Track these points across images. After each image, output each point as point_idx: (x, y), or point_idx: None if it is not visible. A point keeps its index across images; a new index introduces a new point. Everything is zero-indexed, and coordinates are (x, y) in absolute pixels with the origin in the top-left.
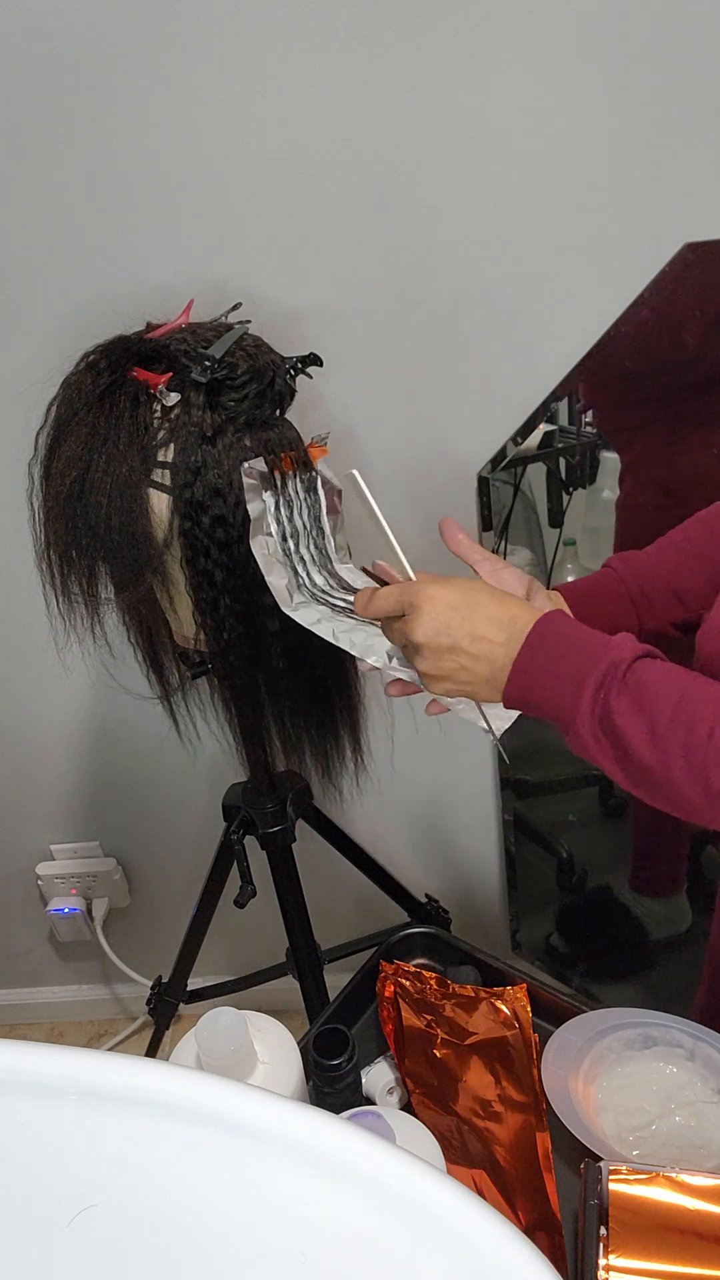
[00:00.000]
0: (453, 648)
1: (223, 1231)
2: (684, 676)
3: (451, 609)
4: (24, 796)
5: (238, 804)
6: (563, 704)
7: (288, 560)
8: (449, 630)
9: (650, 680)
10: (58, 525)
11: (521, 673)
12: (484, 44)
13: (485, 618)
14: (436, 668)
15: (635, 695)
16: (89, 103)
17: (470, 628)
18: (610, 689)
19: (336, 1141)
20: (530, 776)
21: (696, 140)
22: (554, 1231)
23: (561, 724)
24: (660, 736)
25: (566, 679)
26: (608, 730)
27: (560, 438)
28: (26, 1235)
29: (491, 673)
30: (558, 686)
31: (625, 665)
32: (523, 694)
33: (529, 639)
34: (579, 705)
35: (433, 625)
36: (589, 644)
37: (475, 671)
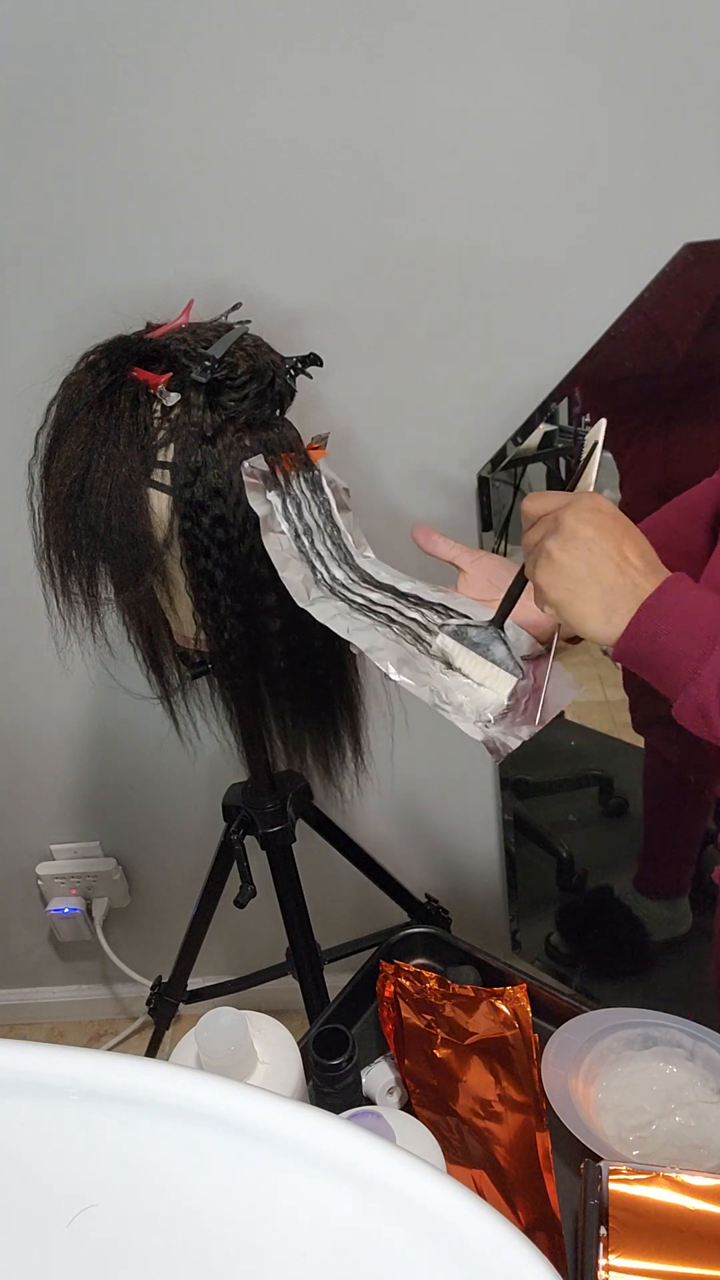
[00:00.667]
0: (591, 541)
1: (222, 1231)
2: None
3: (614, 517)
4: (24, 796)
5: (238, 804)
6: (687, 657)
7: (304, 557)
8: (600, 526)
9: None
10: (58, 525)
11: (653, 611)
12: (484, 44)
13: (636, 544)
14: (565, 551)
15: None
16: (89, 103)
17: (621, 541)
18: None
19: (336, 1141)
20: (530, 776)
21: (696, 140)
22: (554, 1231)
23: (681, 677)
24: None
25: (698, 633)
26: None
27: (560, 438)
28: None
29: (614, 584)
30: (687, 638)
31: None
32: (647, 631)
33: (667, 583)
34: (708, 661)
35: (591, 514)
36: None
37: (599, 571)
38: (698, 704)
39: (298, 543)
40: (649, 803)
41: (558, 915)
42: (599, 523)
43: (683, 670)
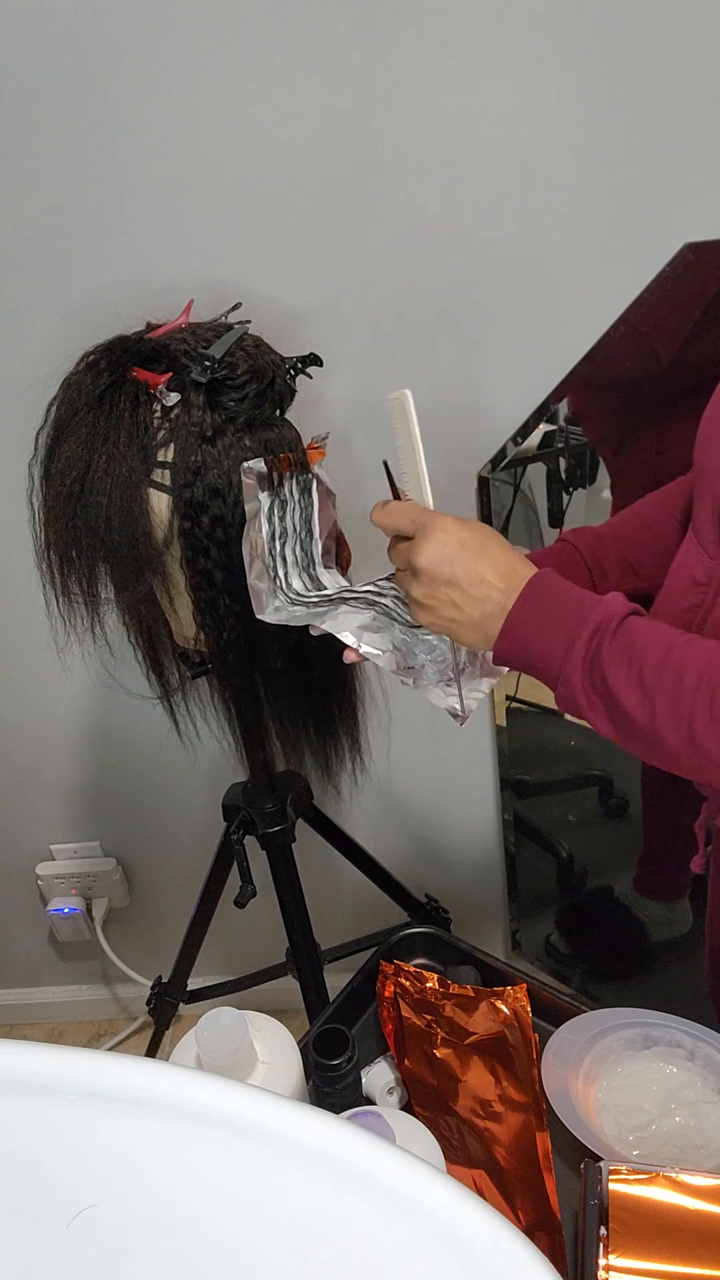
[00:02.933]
0: (451, 581)
1: (222, 1231)
2: (672, 632)
3: (461, 545)
4: (24, 796)
5: (238, 804)
6: (554, 654)
7: (271, 562)
8: (452, 563)
9: (639, 632)
10: (58, 525)
11: (516, 622)
12: (484, 45)
13: (491, 562)
14: (430, 596)
15: (625, 646)
16: (88, 103)
17: (475, 567)
18: (602, 640)
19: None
20: (530, 776)
21: (696, 140)
22: (554, 1231)
23: (552, 676)
24: (648, 685)
25: (560, 631)
26: (597, 681)
27: (560, 437)
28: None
29: (482, 616)
30: (551, 638)
31: (618, 619)
32: (515, 644)
33: (526, 590)
34: (571, 656)
35: (439, 554)
36: (582, 599)
37: (466, 611)
38: (569, 698)
39: (270, 545)
40: (648, 803)
41: (558, 915)
42: (450, 556)
43: (551, 670)
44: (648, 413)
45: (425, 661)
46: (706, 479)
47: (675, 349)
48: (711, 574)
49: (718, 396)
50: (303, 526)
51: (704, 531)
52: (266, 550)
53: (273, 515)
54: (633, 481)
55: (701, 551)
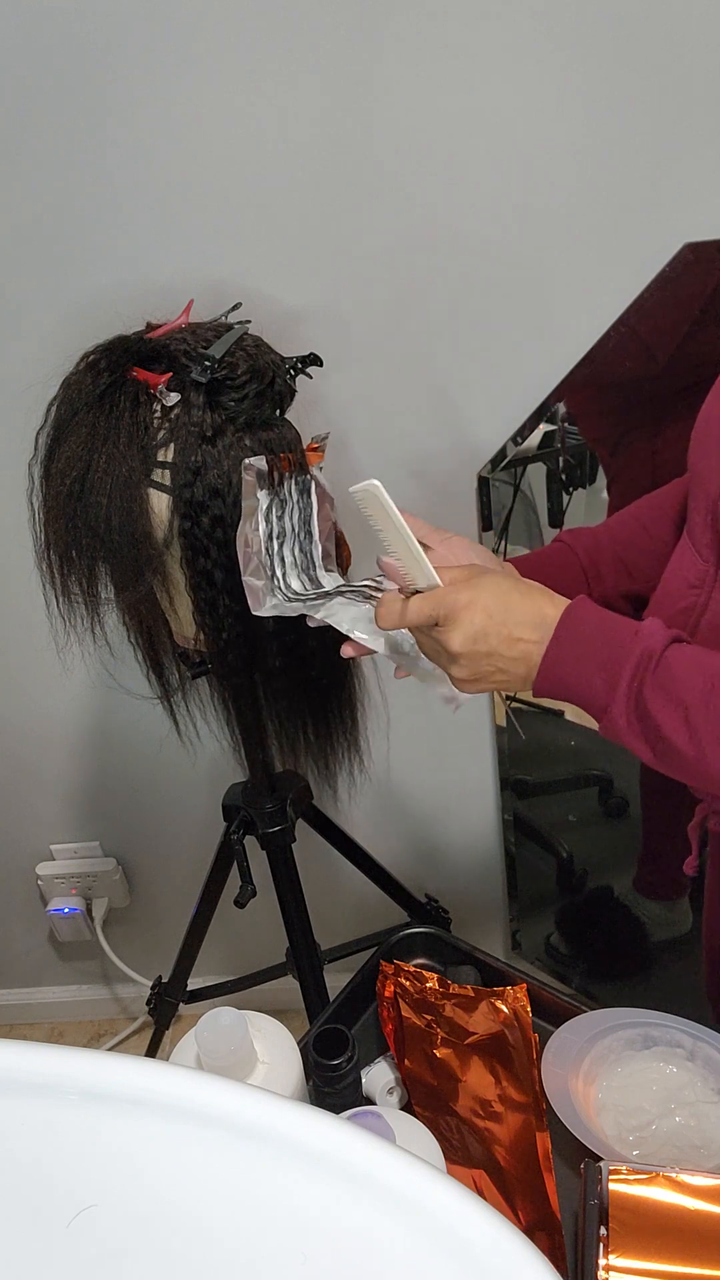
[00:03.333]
0: (490, 653)
1: (222, 1231)
2: (712, 660)
3: (488, 616)
4: (24, 796)
5: (238, 804)
6: (596, 694)
7: (268, 561)
8: (485, 637)
9: (679, 667)
10: (58, 525)
11: (552, 664)
12: (484, 43)
13: (519, 620)
14: (474, 672)
15: (667, 684)
16: (88, 102)
17: (506, 632)
18: (644, 680)
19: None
20: (530, 776)
21: (696, 140)
22: (554, 1231)
23: (594, 711)
24: (695, 726)
25: (599, 669)
26: (643, 720)
27: (560, 437)
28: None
29: (528, 670)
30: (590, 677)
31: (657, 655)
32: (555, 686)
33: (558, 630)
34: (614, 697)
35: (469, 633)
36: (619, 633)
37: (512, 672)
38: (614, 734)
39: (268, 544)
40: (647, 803)
41: (558, 915)
42: (482, 634)
43: (595, 707)
44: (644, 412)
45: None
46: (700, 482)
47: (673, 349)
48: (705, 576)
49: (710, 400)
50: (301, 527)
51: (698, 534)
52: (263, 549)
53: (270, 514)
54: (630, 481)
55: (695, 554)
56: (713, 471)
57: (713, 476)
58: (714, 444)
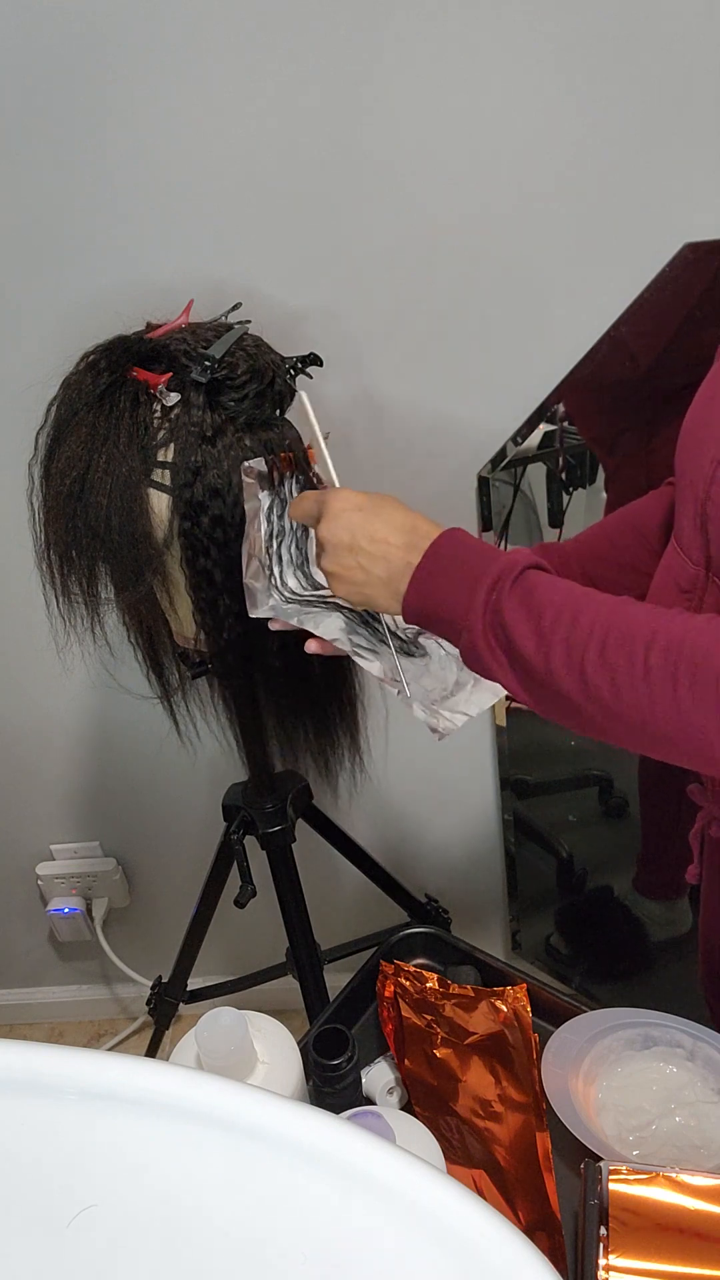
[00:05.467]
0: (352, 545)
1: (222, 1232)
2: (574, 585)
3: (356, 509)
4: (24, 796)
5: (238, 804)
6: (457, 606)
7: (267, 560)
8: (350, 529)
9: (540, 583)
10: (58, 525)
11: (421, 577)
12: (484, 43)
13: (386, 521)
14: (336, 564)
15: (524, 594)
16: (88, 102)
17: (371, 529)
18: (502, 589)
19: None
20: (530, 776)
21: (696, 140)
22: (554, 1231)
23: (456, 629)
24: (544, 631)
25: (462, 583)
26: (498, 630)
27: (560, 437)
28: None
29: (388, 573)
30: (453, 590)
31: (518, 569)
32: (421, 599)
33: (431, 547)
34: (472, 606)
35: (336, 523)
36: (486, 552)
37: (371, 571)
38: (471, 649)
39: (267, 544)
40: (646, 803)
41: (558, 915)
42: (348, 523)
43: (455, 622)
44: (641, 412)
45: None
46: (687, 486)
47: (671, 349)
48: (696, 581)
49: (696, 404)
50: (298, 526)
51: (686, 538)
52: (264, 549)
53: (271, 514)
54: (627, 481)
55: (685, 558)
56: (699, 475)
57: (699, 480)
58: (700, 448)
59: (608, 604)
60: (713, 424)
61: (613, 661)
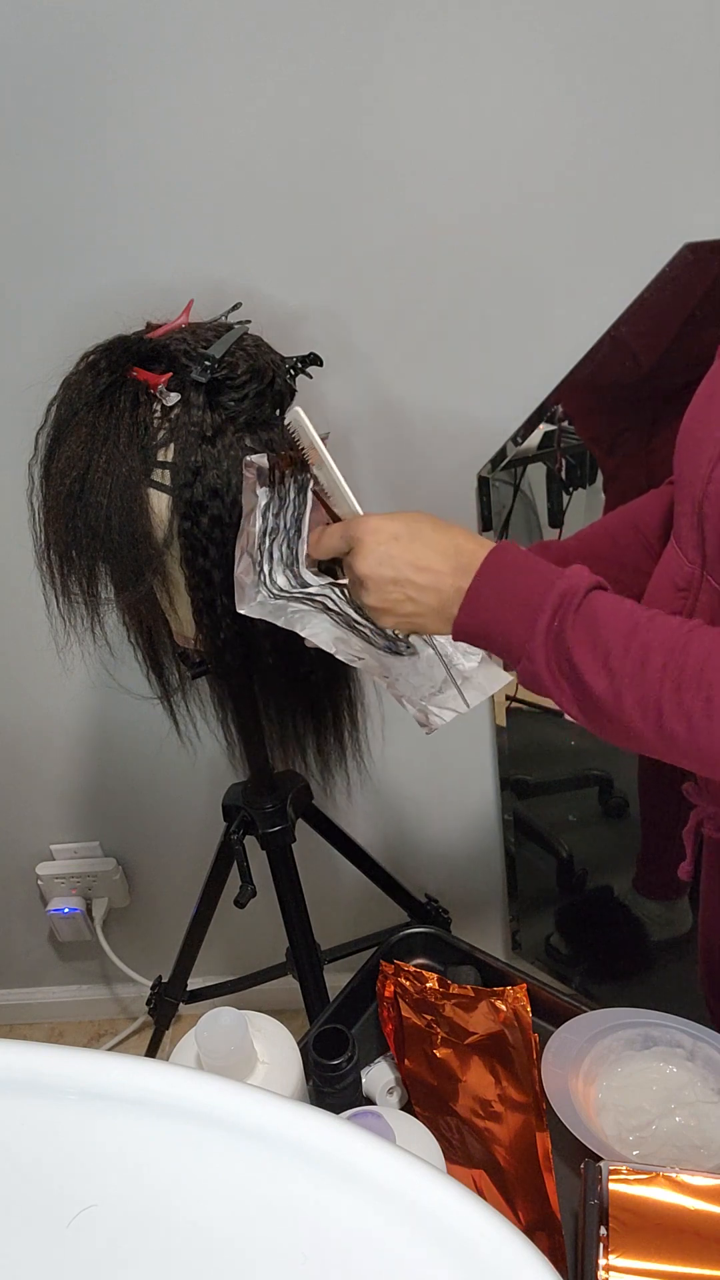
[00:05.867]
0: (396, 579)
1: (223, 1231)
2: (636, 609)
3: (394, 539)
4: (24, 796)
5: (238, 804)
6: (516, 632)
7: (258, 557)
8: (391, 561)
9: (603, 610)
10: (58, 525)
11: (475, 600)
12: (484, 43)
13: (428, 546)
14: (382, 600)
15: (589, 624)
16: (88, 102)
17: (413, 557)
18: (565, 617)
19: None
20: (530, 776)
21: (696, 140)
22: (554, 1231)
23: (514, 653)
24: (614, 669)
25: (520, 606)
26: (562, 659)
27: (560, 437)
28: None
29: (440, 602)
30: (512, 615)
31: (580, 594)
32: (475, 622)
33: (484, 566)
34: (533, 633)
35: (375, 556)
36: (543, 572)
37: (422, 602)
38: (532, 677)
39: (260, 541)
40: (645, 803)
41: (558, 915)
42: (388, 556)
43: (514, 648)
44: (640, 412)
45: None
46: (685, 485)
47: (669, 348)
48: (692, 579)
49: (694, 404)
50: (292, 525)
51: (684, 538)
52: (256, 545)
53: (268, 511)
54: (627, 480)
55: (682, 557)
56: (698, 474)
57: (698, 479)
58: (698, 447)
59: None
60: (711, 423)
61: (689, 708)
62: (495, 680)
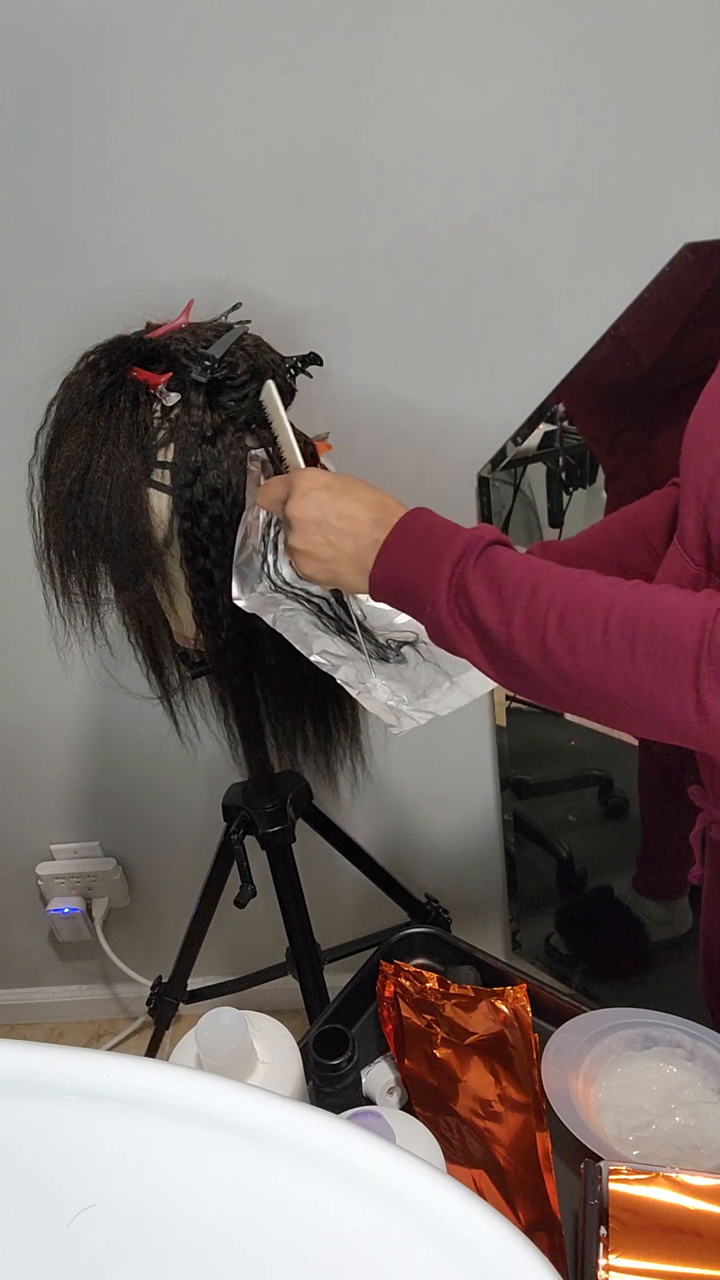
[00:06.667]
0: (320, 521)
1: (222, 1232)
2: (537, 559)
3: (325, 488)
4: (24, 796)
5: (238, 804)
6: (422, 580)
7: (261, 548)
8: (319, 505)
9: (503, 556)
10: (58, 525)
11: (387, 552)
12: (484, 43)
13: (355, 498)
14: (304, 541)
15: (488, 567)
16: (88, 102)
17: (339, 506)
18: (466, 563)
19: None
20: (530, 776)
21: (696, 140)
22: (554, 1231)
23: (420, 602)
24: (505, 601)
25: (427, 557)
26: (461, 602)
27: (560, 437)
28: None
29: (356, 549)
30: (419, 565)
31: (483, 544)
32: (387, 573)
33: (399, 524)
34: (437, 579)
35: (304, 500)
36: (451, 528)
37: (339, 547)
38: (436, 623)
39: (264, 532)
40: (645, 803)
41: (558, 915)
42: (316, 501)
43: (420, 597)
44: (641, 412)
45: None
46: (691, 485)
47: (668, 348)
48: (696, 580)
49: (700, 404)
50: None
51: (689, 538)
52: (260, 535)
53: None
54: (627, 480)
55: (686, 558)
56: (703, 475)
57: (703, 480)
58: (704, 448)
59: (569, 575)
60: (717, 424)
61: (572, 629)
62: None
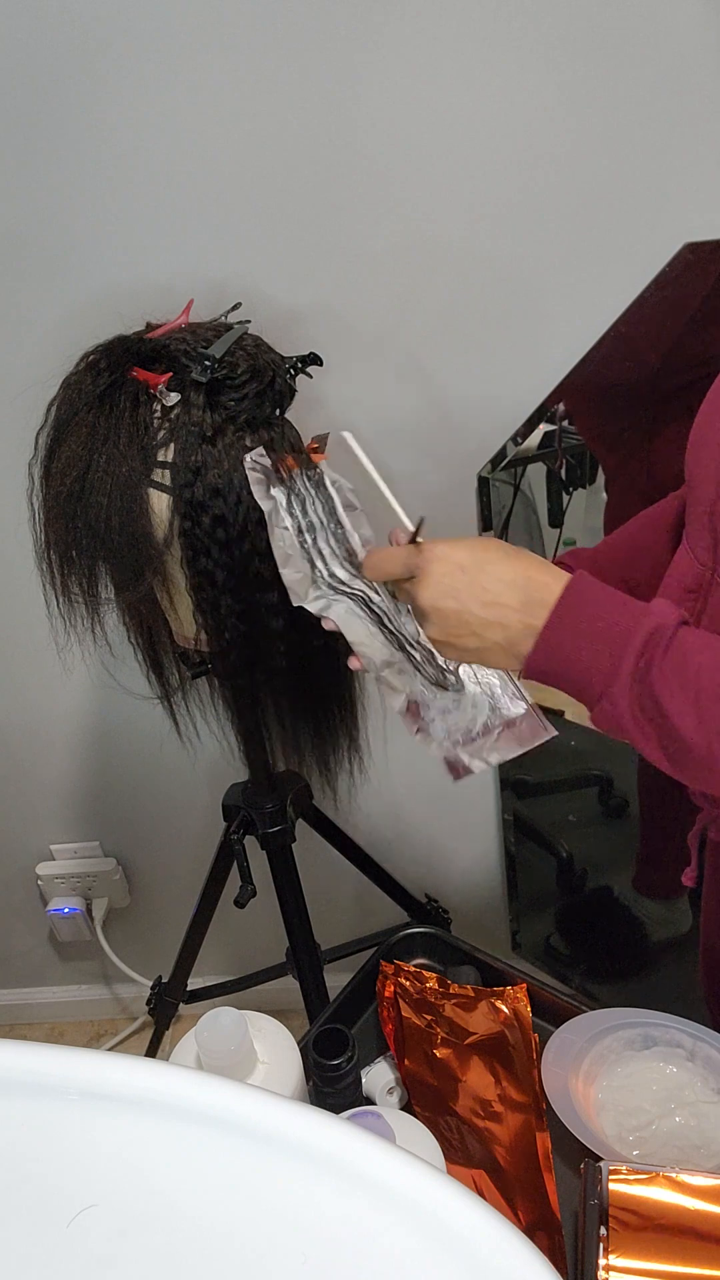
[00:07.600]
0: (461, 613)
1: (222, 1231)
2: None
3: (460, 570)
4: (24, 796)
5: (238, 804)
6: (598, 671)
7: (305, 554)
8: (456, 594)
9: (692, 650)
10: (58, 525)
11: (551, 637)
12: (483, 43)
13: (496, 578)
14: (445, 634)
15: (677, 665)
16: (88, 102)
17: (479, 591)
18: (653, 658)
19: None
20: (530, 776)
21: (696, 140)
22: (554, 1231)
23: (593, 694)
24: (705, 712)
25: (603, 646)
26: (648, 703)
27: (560, 438)
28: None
29: (507, 639)
30: (592, 655)
31: (669, 633)
32: (550, 661)
33: (562, 601)
34: (617, 674)
35: (440, 589)
36: (627, 609)
37: (488, 638)
38: (610, 718)
39: (300, 539)
40: (645, 803)
41: (558, 915)
42: (452, 590)
43: (595, 686)
44: (641, 412)
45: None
46: (697, 486)
47: (670, 349)
48: (702, 580)
49: (706, 406)
50: (329, 519)
51: (695, 539)
52: (297, 544)
53: (294, 510)
54: (627, 480)
55: (693, 559)
56: (709, 476)
57: (709, 481)
58: (710, 449)
59: None
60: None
61: None
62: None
